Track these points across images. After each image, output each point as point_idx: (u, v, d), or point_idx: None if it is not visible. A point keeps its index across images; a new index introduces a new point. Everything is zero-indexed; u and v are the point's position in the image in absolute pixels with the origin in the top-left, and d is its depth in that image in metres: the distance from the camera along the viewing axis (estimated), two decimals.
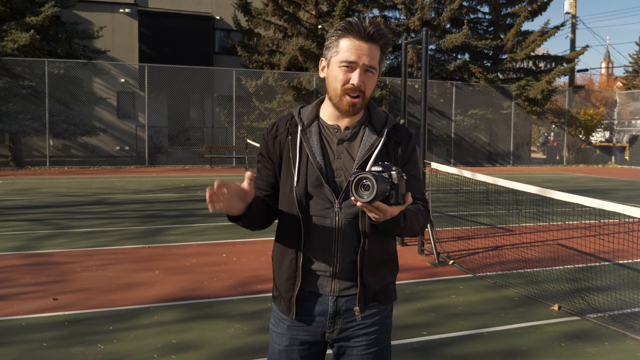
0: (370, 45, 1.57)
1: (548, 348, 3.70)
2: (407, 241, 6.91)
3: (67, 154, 21.03)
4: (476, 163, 23.68)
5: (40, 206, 9.43)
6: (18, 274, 5.26)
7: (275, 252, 1.74)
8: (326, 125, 1.69)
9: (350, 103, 1.60)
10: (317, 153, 1.64)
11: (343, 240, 1.64)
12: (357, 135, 1.68)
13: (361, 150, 1.65)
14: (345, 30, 1.58)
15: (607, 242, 6.77)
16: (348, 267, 1.65)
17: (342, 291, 1.67)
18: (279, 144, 1.69)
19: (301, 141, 1.66)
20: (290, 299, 1.68)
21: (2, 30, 17.43)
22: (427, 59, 6.31)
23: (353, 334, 1.70)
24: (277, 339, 1.74)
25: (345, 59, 1.57)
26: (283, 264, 1.69)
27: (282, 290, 1.70)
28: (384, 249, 1.70)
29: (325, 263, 1.65)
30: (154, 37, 22.74)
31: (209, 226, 7.86)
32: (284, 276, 1.69)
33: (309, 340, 1.71)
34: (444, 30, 23.44)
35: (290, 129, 1.69)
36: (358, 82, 1.57)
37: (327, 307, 1.68)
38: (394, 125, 1.72)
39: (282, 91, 20.44)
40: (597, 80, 55.62)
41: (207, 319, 4.14)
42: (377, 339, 1.73)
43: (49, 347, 3.57)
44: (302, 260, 1.65)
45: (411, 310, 4.38)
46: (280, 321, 1.73)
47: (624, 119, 27.76)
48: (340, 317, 1.69)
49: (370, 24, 1.56)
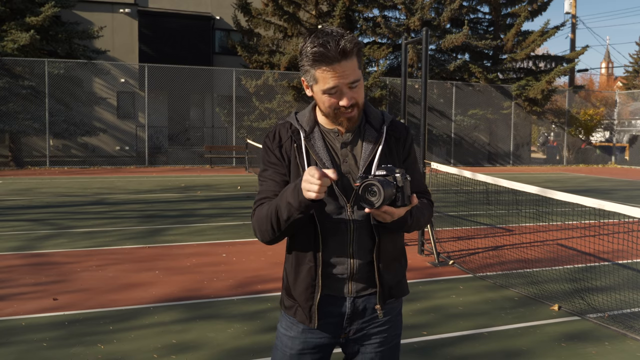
0: (345, 61, 1.52)
1: (548, 348, 3.70)
2: (407, 241, 6.91)
3: (67, 154, 21.03)
4: (476, 163, 23.68)
5: (40, 206, 9.42)
6: (18, 274, 5.26)
7: (290, 263, 1.71)
8: (326, 130, 1.69)
9: (347, 117, 1.61)
10: (324, 159, 1.64)
11: (358, 242, 1.65)
12: (358, 136, 1.69)
13: (364, 152, 1.66)
14: (315, 61, 1.52)
15: (607, 242, 6.76)
16: (364, 267, 1.66)
17: (360, 292, 1.68)
18: (285, 152, 1.67)
19: (306, 148, 1.65)
20: (311, 307, 1.66)
21: (2, 30, 17.43)
22: (427, 59, 6.30)
23: (367, 333, 1.72)
24: (288, 342, 1.72)
25: (326, 89, 1.55)
26: (300, 274, 1.67)
27: (300, 300, 1.68)
28: (396, 246, 1.73)
29: (342, 266, 1.65)
30: (154, 37, 22.74)
31: (209, 226, 7.86)
32: (302, 286, 1.66)
33: (322, 343, 1.71)
34: (444, 30, 23.43)
35: (293, 136, 1.67)
36: (347, 102, 1.57)
37: (345, 308, 1.68)
38: (391, 121, 1.74)
39: (282, 91, 20.44)
40: (597, 80, 55.63)
41: (207, 319, 4.14)
42: (389, 336, 1.75)
43: (48, 347, 3.57)
44: (322, 268, 1.65)
45: (411, 310, 4.38)
46: (294, 325, 1.72)
47: (624, 119, 27.77)
48: (357, 317, 1.70)
49: (335, 43, 1.49)
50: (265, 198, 1.66)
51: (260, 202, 1.67)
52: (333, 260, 1.65)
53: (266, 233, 1.62)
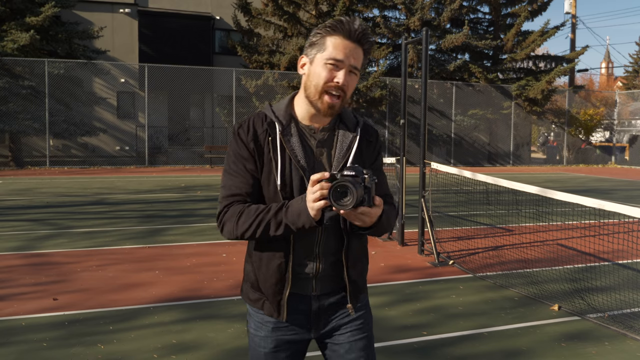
0: (357, 47, 1.58)
1: (548, 348, 3.70)
2: (407, 241, 6.91)
3: (67, 154, 21.03)
4: (476, 163, 23.68)
5: (40, 206, 9.42)
6: (18, 274, 5.26)
7: (258, 257, 1.69)
8: (303, 126, 1.67)
9: (329, 104, 1.59)
10: (299, 155, 1.62)
11: (326, 241, 1.66)
12: (333, 135, 1.69)
13: (339, 152, 1.66)
14: (334, 29, 1.57)
15: (607, 242, 6.76)
16: (330, 267, 1.68)
17: (324, 290, 1.70)
18: (259, 146, 1.64)
19: (281, 142, 1.63)
20: (280, 301, 1.67)
21: (2, 30, 17.43)
22: (427, 59, 6.31)
23: (337, 324, 1.74)
24: (261, 342, 1.73)
25: (332, 57, 1.56)
26: (270, 268, 1.66)
27: (268, 293, 1.68)
28: (361, 245, 1.75)
29: (309, 265, 1.67)
30: (154, 37, 22.74)
31: (209, 226, 7.86)
32: (272, 280, 1.66)
33: (294, 339, 1.73)
34: (444, 30, 23.43)
35: (269, 129, 1.64)
36: (343, 81, 1.57)
37: (310, 306, 1.70)
38: (364, 123, 1.75)
39: (282, 91, 20.44)
40: (597, 80, 55.62)
41: (207, 319, 4.14)
42: (362, 325, 1.76)
43: (48, 347, 3.57)
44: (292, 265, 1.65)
45: (411, 310, 4.38)
46: (263, 324, 1.72)
47: (624, 119, 27.76)
48: (323, 313, 1.72)
49: (360, 26, 1.57)
50: (237, 195, 1.62)
51: (231, 199, 1.62)
52: (301, 260, 1.66)
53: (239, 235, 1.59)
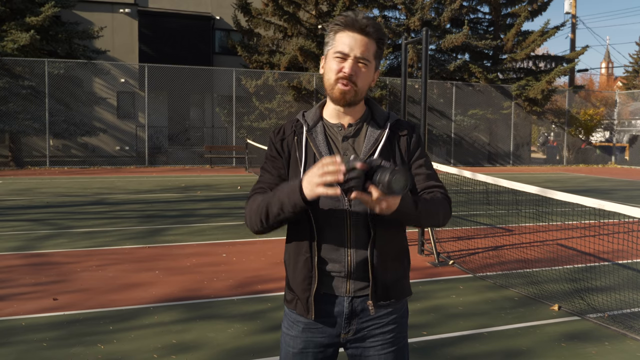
0: (363, 38, 1.62)
1: (548, 348, 3.70)
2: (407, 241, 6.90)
3: (67, 154, 21.03)
4: (476, 163, 23.67)
5: (40, 206, 9.42)
6: (18, 274, 5.26)
7: (288, 255, 1.73)
8: (330, 125, 1.72)
9: (341, 91, 1.62)
10: (323, 151, 1.66)
11: (355, 238, 1.64)
12: (361, 131, 1.70)
13: (366, 145, 1.67)
14: (340, 25, 1.64)
15: (607, 242, 6.76)
16: (362, 266, 1.65)
17: (358, 291, 1.67)
18: (286, 145, 1.72)
19: (307, 140, 1.69)
20: (308, 299, 1.66)
21: (2, 30, 17.43)
22: (427, 59, 6.30)
23: (369, 334, 1.70)
24: (290, 341, 1.72)
25: (338, 50, 1.63)
26: (298, 265, 1.68)
27: (298, 291, 1.68)
28: (395, 243, 1.70)
29: (339, 263, 1.65)
30: (154, 37, 22.74)
31: (209, 226, 7.86)
32: (300, 277, 1.67)
33: (324, 342, 1.71)
34: (444, 30, 23.44)
35: (296, 130, 1.73)
36: (349, 70, 1.61)
37: (343, 308, 1.67)
38: (397, 119, 1.75)
39: (282, 91, 20.44)
40: (597, 80, 55.63)
41: (207, 319, 4.14)
42: (394, 339, 1.72)
43: (48, 347, 3.57)
44: (317, 260, 1.65)
45: (411, 310, 4.38)
46: (295, 324, 1.72)
47: (624, 119, 27.76)
48: (356, 317, 1.68)
49: (364, 18, 1.62)
50: (261, 188, 1.71)
51: (256, 191, 1.71)
52: (329, 256, 1.64)
53: (255, 224, 1.66)
